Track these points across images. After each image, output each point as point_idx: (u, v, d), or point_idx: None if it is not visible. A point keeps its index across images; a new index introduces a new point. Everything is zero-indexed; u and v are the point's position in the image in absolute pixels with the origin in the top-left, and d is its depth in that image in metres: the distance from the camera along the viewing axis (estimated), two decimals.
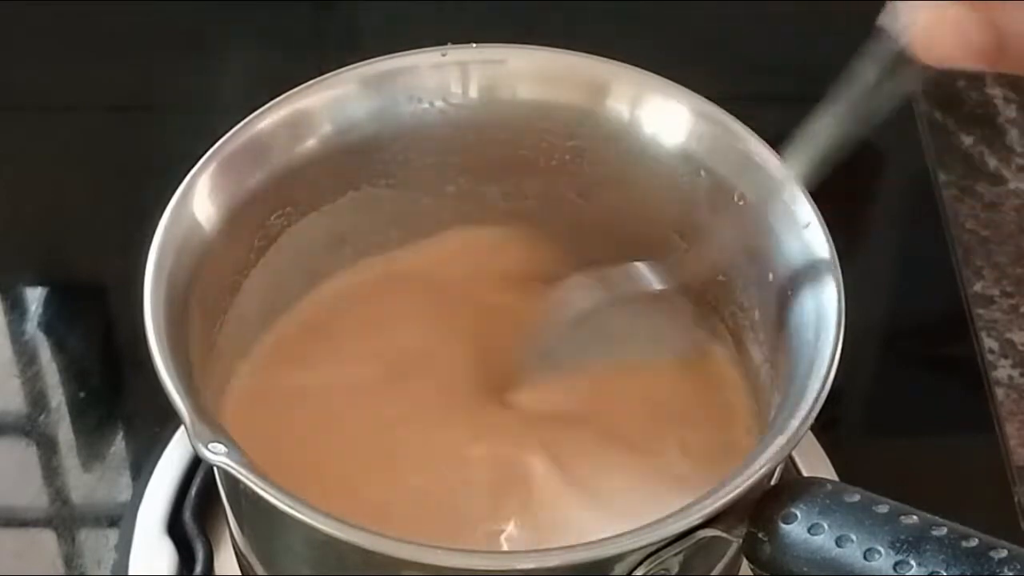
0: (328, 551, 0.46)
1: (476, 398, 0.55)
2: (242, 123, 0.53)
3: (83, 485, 0.64)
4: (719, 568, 0.49)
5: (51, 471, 0.64)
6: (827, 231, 0.50)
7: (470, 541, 0.50)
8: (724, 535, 0.44)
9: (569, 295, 0.55)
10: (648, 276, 0.54)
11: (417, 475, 0.53)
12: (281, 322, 0.57)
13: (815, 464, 0.61)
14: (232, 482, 0.46)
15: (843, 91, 0.47)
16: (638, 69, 0.55)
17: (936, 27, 0.42)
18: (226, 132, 0.52)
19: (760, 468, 0.44)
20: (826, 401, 0.46)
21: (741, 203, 0.53)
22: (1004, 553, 0.41)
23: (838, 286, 0.49)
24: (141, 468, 0.62)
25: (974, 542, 0.42)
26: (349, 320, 0.57)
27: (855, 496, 0.43)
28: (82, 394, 0.67)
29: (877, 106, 0.47)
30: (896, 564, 0.42)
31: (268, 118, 0.53)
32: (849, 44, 0.46)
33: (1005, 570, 0.41)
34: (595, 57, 0.56)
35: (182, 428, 0.45)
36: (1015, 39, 0.41)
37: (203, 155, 0.52)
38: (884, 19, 0.45)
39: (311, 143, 0.54)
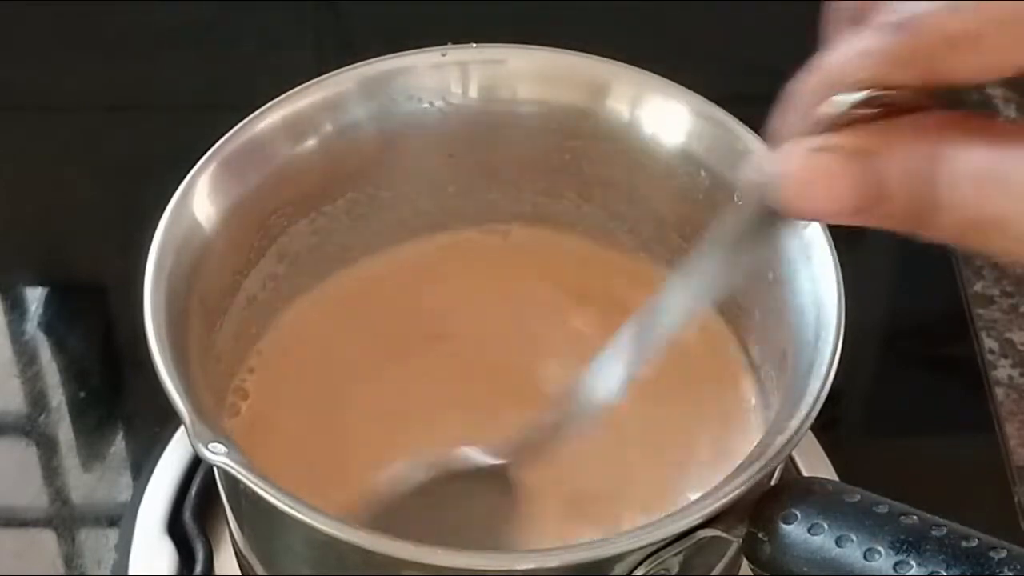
0: (328, 551, 0.46)
1: (479, 399, 0.55)
2: (242, 123, 0.53)
3: (83, 485, 0.64)
4: (719, 568, 0.49)
5: (51, 471, 0.64)
6: (827, 231, 0.50)
7: (468, 544, 0.50)
8: (724, 535, 0.44)
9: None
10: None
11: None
12: (281, 322, 0.57)
13: (815, 464, 0.61)
14: (232, 482, 0.46)
15: (706, 253, 0.43)
16: (638, 69, 0.55)
17: (806, 180, 0.36)
18: (226, 132, 0.52)
19: (760, 468, 0.44)
20: (826, 401, 0.46)
21: (741, 203, 0.53)
22: (1004, 553, 0.41)
23: (838, 286, 0.49)
24: (141, 468, 0.62)
25: (974, 542, 0.42)
26: (350, 319, 0.57)
27: (855, 496, 0.43)
28: (82, 394, 0.67)
29: (745, 262, 0.42)
30: (896, 564, 0.42)
31: (268, 118, 0.53)
32: None
33: (1005, 570, 0.41)
34: (595, 57, 0.56)
35: (182, 428, 0.45)
36: (900, 190, 0.35)
37: (203, 155, 0.52)
38: (746, 171, 0.40)
39: (311, 143, 0.54)
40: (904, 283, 0.74)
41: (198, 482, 0.61)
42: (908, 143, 0.35)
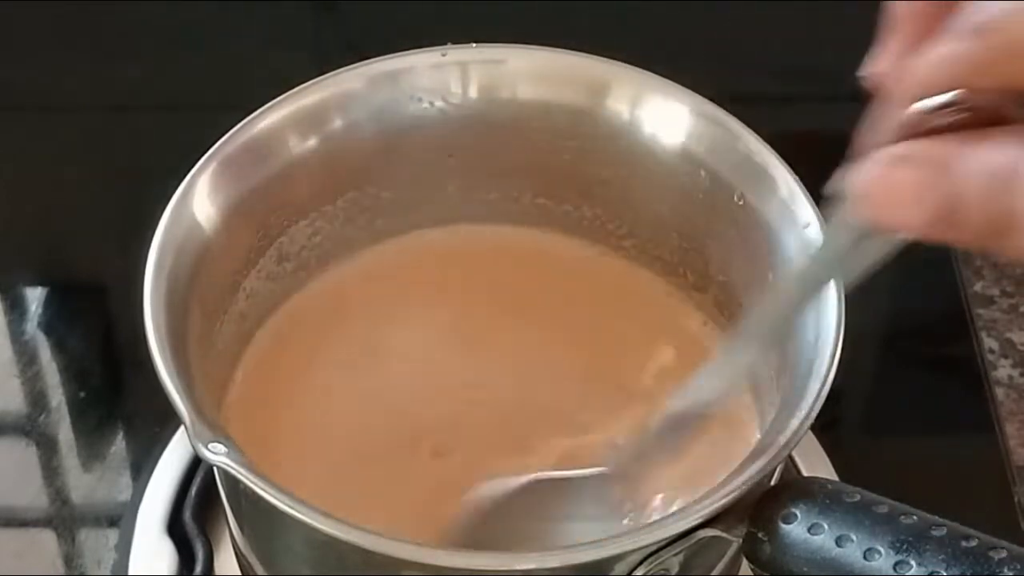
0: (328, 551, 0.46)
1: (479, 390, 0.55)
2: (242, 123, 0.53)
3: (83, 485, 0.64)
4: (719, 568, 0.49)
5: (51, 471, 0.64)
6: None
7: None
8: (724, 535, 0.44)
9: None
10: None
11: (418, 474, 0.53)
12: (281, 322, 0.57)
13: (815, 464, 0.61)
14: (232, 482, 0.46)
15: (813, 261, 0.44)
16: (638, 69, 0.55)
17: (883, 191, 0.35)
18: (226, 132, 0.52)
19: (760, 468, 0.44)
20: (826, 401, 0.46)
21: (741, 203, 0.53)
22: (1004, 553, 0.41)
23: (838, 286, 0.49)
24: (141, 468, 0.62)
25: (974, 542, 0.42)
26: (350, 319, 0.57)
27: (855, 496, 0.43)
28: (82, 394, 0.67)
29: (852, 270, 0.40)
30: (896, 564, 0.42)
31: (268, 118, 0.53)
32: (849, 45, 0.45)
33: (1005, 570, 0.41)
34: (595, 57, 0.56)
35: (182, 428, 0.45)
36: (976, 201, 0.34)
37: (203, 155, 0.52)
38: (837, 187, 0.38)
39: (311, 143, 0.54)
40: (904, 283, 0.74)
41: (198, 482, 0.61)
42: (987, 152, 0.34)
